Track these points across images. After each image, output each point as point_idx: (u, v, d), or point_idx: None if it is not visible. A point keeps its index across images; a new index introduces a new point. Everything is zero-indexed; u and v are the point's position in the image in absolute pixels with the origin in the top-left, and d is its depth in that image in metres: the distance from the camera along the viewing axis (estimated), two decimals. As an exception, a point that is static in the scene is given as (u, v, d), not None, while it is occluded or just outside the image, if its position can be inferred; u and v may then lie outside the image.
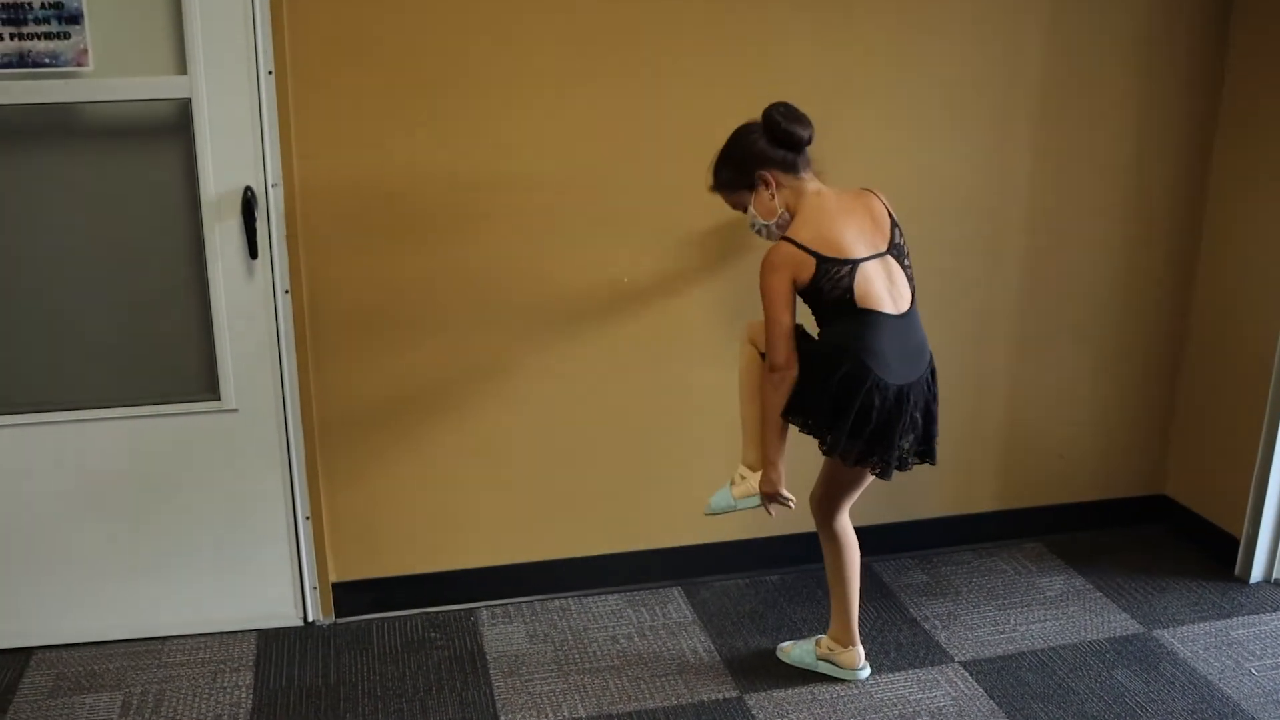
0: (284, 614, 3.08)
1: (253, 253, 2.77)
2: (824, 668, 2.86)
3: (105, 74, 2.61)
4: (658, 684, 2.84)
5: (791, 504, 2.62)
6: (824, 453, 2.56)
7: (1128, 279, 3.37)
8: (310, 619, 3.09)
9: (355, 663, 2.93)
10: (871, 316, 2.45)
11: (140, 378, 2.86)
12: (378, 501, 3.04)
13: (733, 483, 2.67)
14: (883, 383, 2.45)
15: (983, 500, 3.48)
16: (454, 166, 2.83)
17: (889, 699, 2.78)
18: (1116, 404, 3.50)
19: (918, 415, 2.54)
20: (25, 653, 2.94)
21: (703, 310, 3.06)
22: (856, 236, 2.46)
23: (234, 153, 2.71)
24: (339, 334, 2.89)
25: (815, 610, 3.15)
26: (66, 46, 2.57)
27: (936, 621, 3.10)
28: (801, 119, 2.49)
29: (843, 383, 2.45)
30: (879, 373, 2.44)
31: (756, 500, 2.64)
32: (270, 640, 3.02)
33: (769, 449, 2.57)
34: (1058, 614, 3.14)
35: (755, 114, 2.77)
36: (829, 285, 2.42)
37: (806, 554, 3.16)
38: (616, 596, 3.23)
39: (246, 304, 2.82)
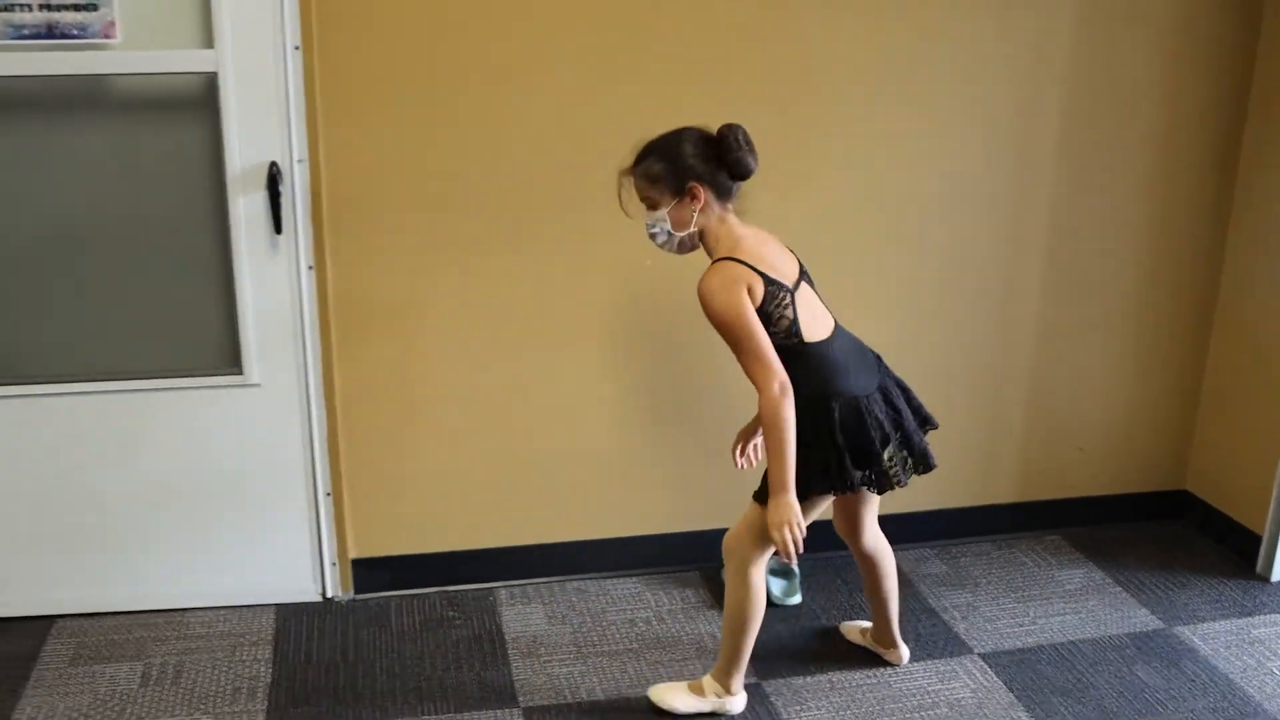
0: (303, 589, 3.08)
1: (277, 228, 2.76)
2: None
3: (132, 46, 2.60)
4: (675, 668, 2.84)
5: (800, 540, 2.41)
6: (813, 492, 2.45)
7: (1152, 271, 3.33)
8: (329, 595, 3.10)
9: (373, 639, 2.94)
10: (819, 352, 2.40)
11: (163, 351, 2.86)
12: (398, 479, 3.04)
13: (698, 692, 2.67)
14: (848, 395, 2.42)
15: (1003, 492, 3.46)
16: (482, 146, 2.81)
17: (908, 689, 2.78)
18: (1138, 397, 3.47)
19: (885, 421, 2.45)
20: (47, 621, 2.96)
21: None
22: (784, 265, 2.41)
23: (260, 128, 2.70)
24: (362, 311, 2.88)
25: (833, 598, 3.15)
26: (94, 18, 2.55)
27: (956, 613, 3.09)
28: (754, 151, 2.36)
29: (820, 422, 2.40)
30: (849, 390, 2.42)
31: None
32: (289, 615, 3.03)
33: (787, 475, 2.37)
34: (1077, 607, 3.13)
35: (780, 97, 2.74)
36: (776, 313, 2.35)
37: (825, 541, 3.14)
38: (635, 579, 3.23)
39: (270, 279, 2.81)
